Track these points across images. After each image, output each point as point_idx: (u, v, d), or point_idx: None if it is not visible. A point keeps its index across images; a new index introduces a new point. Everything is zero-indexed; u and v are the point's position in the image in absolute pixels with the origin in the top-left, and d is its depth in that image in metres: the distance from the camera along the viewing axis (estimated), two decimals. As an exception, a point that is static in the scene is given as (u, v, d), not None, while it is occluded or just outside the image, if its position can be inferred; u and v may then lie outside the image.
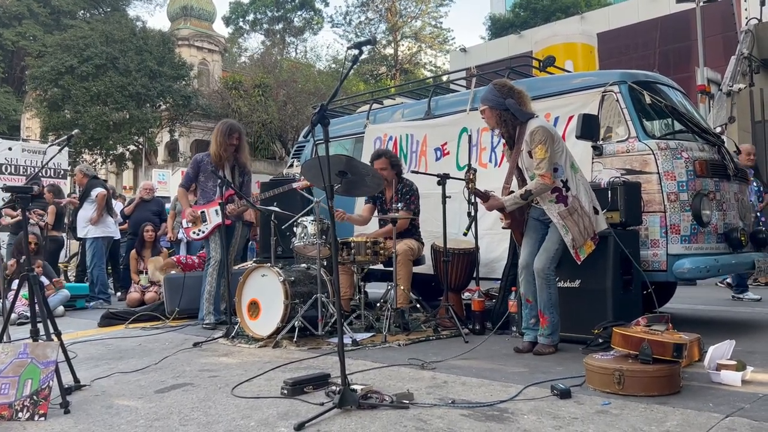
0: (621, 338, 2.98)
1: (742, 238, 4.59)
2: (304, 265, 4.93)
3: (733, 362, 3.03)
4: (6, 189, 3.49)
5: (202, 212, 5.37)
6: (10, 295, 5.19)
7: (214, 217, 5.31)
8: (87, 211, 7.93)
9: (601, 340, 3.67)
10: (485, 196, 3.84)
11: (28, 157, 12.79)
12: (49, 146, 12.50)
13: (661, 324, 3.31)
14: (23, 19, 30.32)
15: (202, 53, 38.11)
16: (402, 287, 4.77)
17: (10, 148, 12.81)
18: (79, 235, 8.09)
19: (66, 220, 9.33)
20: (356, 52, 2.99)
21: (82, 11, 33.92)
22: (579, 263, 3.80)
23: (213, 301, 5.30)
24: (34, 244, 7.03)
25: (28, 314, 3.17)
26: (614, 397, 2.76)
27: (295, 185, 5.30)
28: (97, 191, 7.90)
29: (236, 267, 6.05)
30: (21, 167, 12.47)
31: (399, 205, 5.26)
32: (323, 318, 4.43)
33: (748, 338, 4.29)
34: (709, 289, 8.27)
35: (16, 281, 5.44)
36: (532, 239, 3.94)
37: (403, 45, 42.73)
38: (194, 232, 5.39)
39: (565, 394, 2.77)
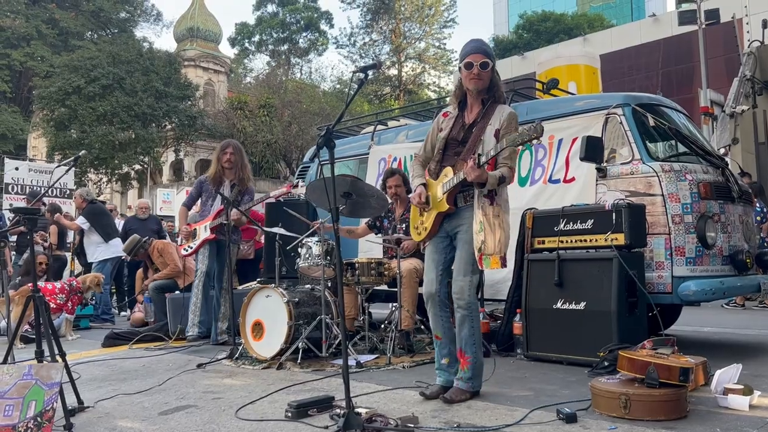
0: (627, 362, 2.97)
1: (748, 261, 4.58)
2: (308, 285, 4.93)
3: (741, 386, 3.01)
4: (14, 210, 3.52)
5: (195, 229, 5.52)
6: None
7: (202, 233, 5.44)
8: (92, 237, 7.94)
9: (606, 363, 3.64)
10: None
11: (35, 177, 12.87)
12: (57, 167, 12.58)
13: (667, 347, 3.29)
14: (31, 40, 30.70)
15: (207, 74, 38.47)
16: (406, 309, 4.75)
17: (16, 168, 12.91)
18: (90, 260, 8.08)
19: (69, 240, 9.34)
20: (362, 75, 3.02)
21: (89, 32, 34.34)
22: (480, 269, 3.23)
23: (199, 313, 5.36)
24: (45, 264, 7.04)
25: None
26: (621, 421, 2.73)
27: (273, 194, 5.57)
28: None
29: (242, 287, 6.06)
30: (27, 187, 12.53)
31: (404, 226, 5.27)
32: (327, 339, 4.42)
33: (755, 362, 4.26)
34: (714, 312, 8.22)
35: None
36: (435, 261, 3.37)
37: (407, 66, 43.10)
38: (185, 249, 5.56)
39: (571, 419, 2.75)
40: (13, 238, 8.98)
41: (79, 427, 2.86)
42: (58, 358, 3.07)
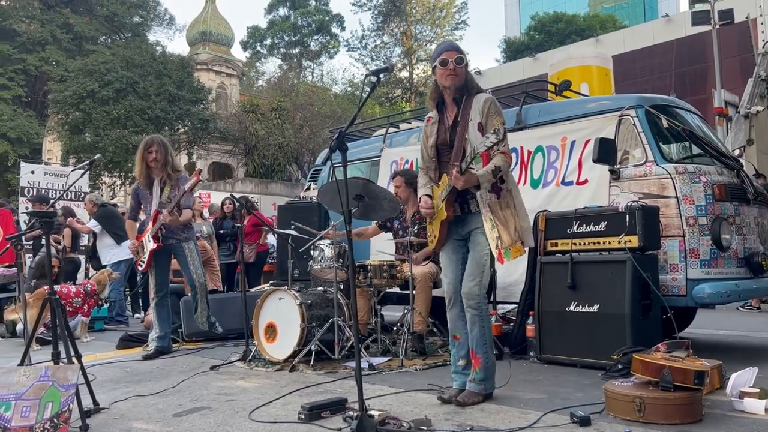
0: (641, 365, 2.95)
1: (763, 263, 4.54)
2: (320, 288, 4.95)
3: (756, 390, 2.99)
4: (30, 214, 3.55)
5: (142, 241, 5.25)
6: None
7: (148, 244, 5.17)
8: (105, 240, 8.00)
9: (620, 366, 3.62)
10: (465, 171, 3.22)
11: (50, 180, 12.99)
12: (73, 170, 12.69)
13: (682, 350, 3.27)
14: (46, 45, 31.01)
15: (220, 77, 38.63)
16: (419, 312, 4.75)
17: (32, 172, 13.04)
18: (104, 263, 8.13)
19: (84, 243, 9.41)
20: (374, 79, 3.03)
21: (103, 37, 34.63)
22: (501, 264, 3.37)
23: (158, 330, 5.23)
24: (57, 267, 7.11)
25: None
26: (635, 425, 2.72)
27: (185, 187, 4.95)
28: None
29: (255, 289, 6.06)
30: (43, 190, 12.65)
31: (415, 228, 5.27)
32: (340, 342, 4.43)
33: (771, 365, 4.21)
34: (729, 315, 8.14)
35: None
36: (453, 262, 3.40)
37: (418, 68, 43.03)
38: (140, 264, 5.31)
39: (584, 422, 2.74)
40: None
41: (95, 429, 2.89)
42: (74, 359, 3.10)
